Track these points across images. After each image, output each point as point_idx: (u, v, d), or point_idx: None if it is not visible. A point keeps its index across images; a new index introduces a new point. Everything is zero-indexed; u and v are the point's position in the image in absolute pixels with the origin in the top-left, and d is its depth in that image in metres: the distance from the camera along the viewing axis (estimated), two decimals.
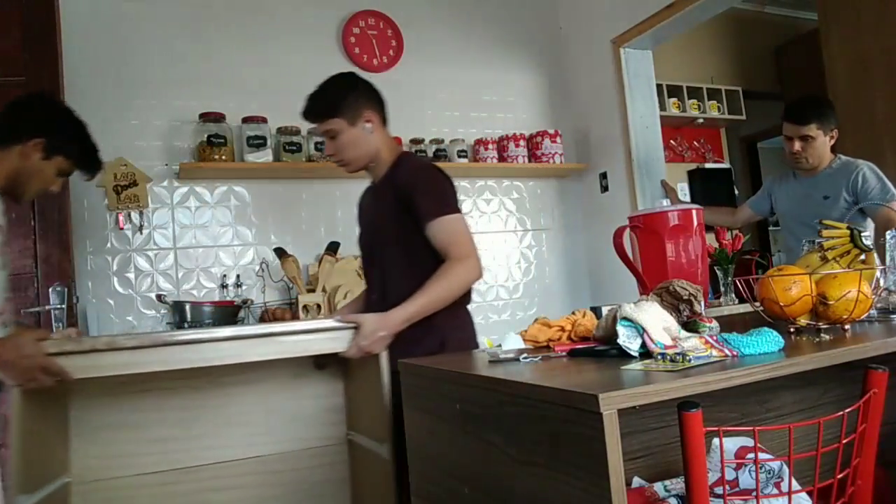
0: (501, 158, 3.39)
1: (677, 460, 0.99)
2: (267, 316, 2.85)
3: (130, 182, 2.80)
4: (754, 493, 1.01)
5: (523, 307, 3.55)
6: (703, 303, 1.37)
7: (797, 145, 2.67)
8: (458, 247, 1.66)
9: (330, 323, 1.58)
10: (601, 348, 1.29)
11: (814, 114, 2.64)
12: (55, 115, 1.65)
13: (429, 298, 1.62)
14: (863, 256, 1.45)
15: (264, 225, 3.05)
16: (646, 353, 1.17)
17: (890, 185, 2.58)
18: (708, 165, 4.61)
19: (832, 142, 2.69)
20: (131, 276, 2.81)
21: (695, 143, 4.69)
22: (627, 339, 1.19)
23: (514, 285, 3.56)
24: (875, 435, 1.05)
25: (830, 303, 1.28)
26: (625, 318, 1.21)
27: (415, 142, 3.25)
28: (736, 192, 4.63)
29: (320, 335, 1.55)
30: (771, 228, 5.47)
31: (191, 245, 2.92)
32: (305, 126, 3.02)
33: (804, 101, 2.76)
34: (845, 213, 2.50)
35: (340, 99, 1.79)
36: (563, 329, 1.47)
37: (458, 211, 1.73)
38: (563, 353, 1.34)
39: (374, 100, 1.85)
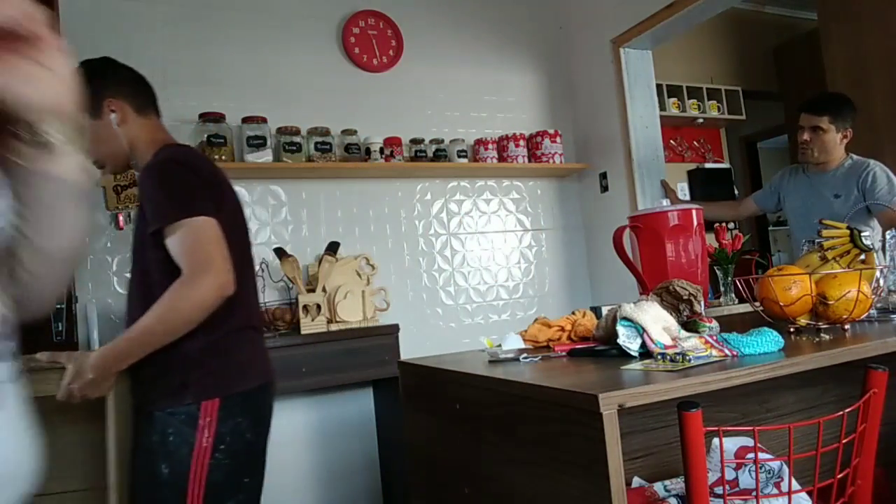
0: (501, 158, 3.39)
1: (677, 460, 0.99)
2: (267, 316, 2.85)
3: (130, 182, 2.80)
4: (754, 493, 1.01)
5: (523, 307, 3.55)
6: (702, 303, 1.37)
7: (807, 135, 2.70)
8: (187, 263, 1.31)
9: (33, 363, 1.31)
10: (601, 348, 1.29)
11: (829, 107, 2.68)
12: None
13: (138, 332, 1.32)
14: (863, 256, 1.45)
15: (264, 225, 3.05)
16: (646, 353, 1.17)
17: None
18: (708, 165, 4.61)
19: (845, 141, 2.70)
20: None
21: (695, 143, 4.69)
22: (627, 340, 1.20)
23: (514, 285, 3.56)
24: (875, 435, 1.05)
25: (830, 303, 1.28)
26: (624, 318, 1.22)
27: (415, 142, 3.25)
28: (736, 192, 4.63)
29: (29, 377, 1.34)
30: (771, 228, 5.47)
31: None
32: (305, 126, 3.03)
33: (824, 94, 2.85)
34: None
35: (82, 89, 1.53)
36: (563, 329, 1.47)
37: (195, 213, 1.34)
38: (563, 353, 1.34)
39: (125, 84, 1.53)
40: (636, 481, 1.24)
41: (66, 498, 1.55)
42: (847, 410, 0.98)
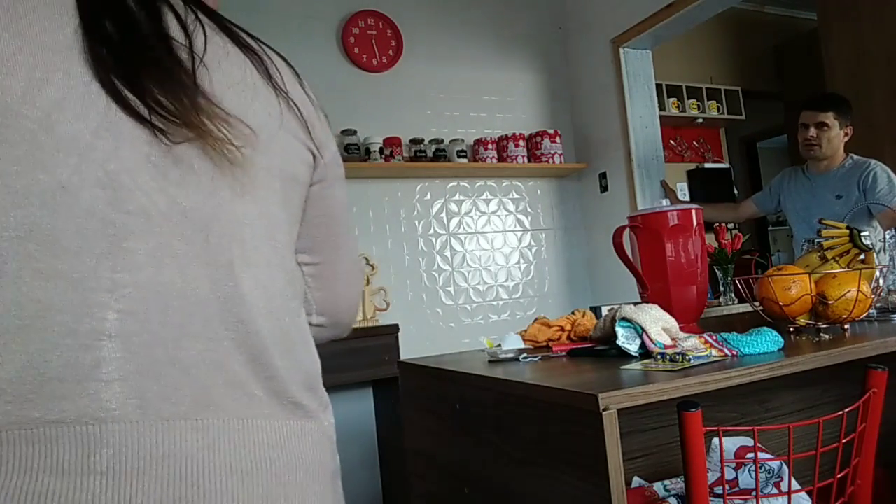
0: (501, 158, 3.39)
1: (677, 460, 0.99)
2: None
3: None
4: (754, 493, 1.01)
5: (523, 307, 3.55)
6: None
7: (812, 131, 2.73)
8: None
9: None
10: (600, 348, 1.29)
11: (833, 103, 2.74)
12: None
13: None
14: (862, 256, 1.45)
15: None
16: (645, 353, 1.17)
17: None
18: (707, 165, 4.61)
19: (846, 138, 2.73)
20: None
21: (694, 142, 4.69)
22: (626, 341, 1.20)
23: (514, 285, 3.56)
24: (875, 434, 1.05)
25: (830, 302, 1.28)
26: (623, 319, 1.22)
27: (414, 142, 3.25)
28: (735, 191, 4.63)
29: None
30: (771, 228, 5.47)
31: None
32: None
33: (825, 93, 2.94)
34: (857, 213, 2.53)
35: None
36: (562, 329, 1.47)
37: None
38: (563, 353, 1.34)
39: None
40: (636, 481, 1.24)
41: None
42: (847, 410, 0.98)
